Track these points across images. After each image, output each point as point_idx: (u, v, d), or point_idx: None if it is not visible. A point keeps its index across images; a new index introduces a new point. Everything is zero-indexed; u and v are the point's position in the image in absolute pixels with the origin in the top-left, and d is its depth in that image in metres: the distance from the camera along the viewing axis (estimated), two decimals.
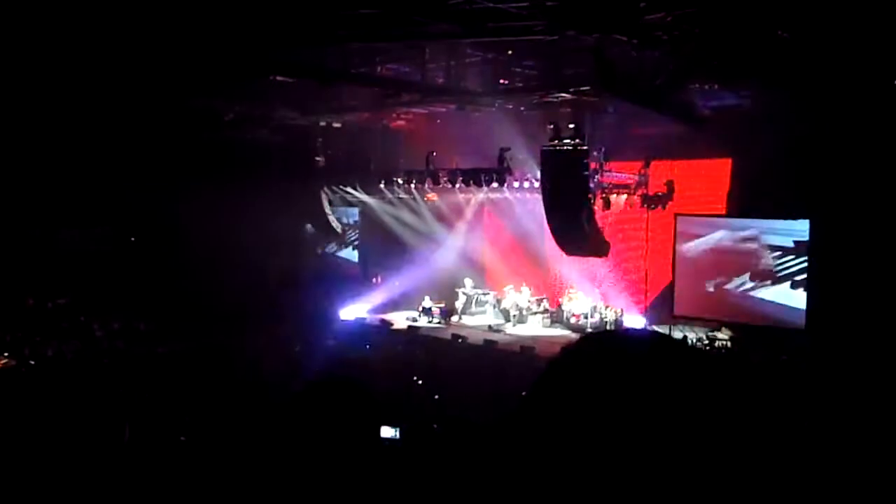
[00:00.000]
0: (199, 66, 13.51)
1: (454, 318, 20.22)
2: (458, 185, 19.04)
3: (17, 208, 17.48)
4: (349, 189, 21.93)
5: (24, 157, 16.74)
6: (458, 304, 20.58)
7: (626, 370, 0.93)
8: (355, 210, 22.90)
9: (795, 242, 15.69)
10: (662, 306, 17.77)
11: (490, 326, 19.30)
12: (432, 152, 18.99)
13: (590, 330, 17.65)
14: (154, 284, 18.29)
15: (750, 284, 16.54)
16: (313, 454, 2.12)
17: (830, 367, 13.01)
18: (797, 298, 15.71)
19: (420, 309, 20.30)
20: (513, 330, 19.14)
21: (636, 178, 17.48)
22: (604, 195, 16.68)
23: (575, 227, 16.13)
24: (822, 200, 14.52)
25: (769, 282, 16.24)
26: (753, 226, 16.43)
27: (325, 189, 22.21)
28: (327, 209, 22.47)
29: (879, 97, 13.03)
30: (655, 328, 16.49)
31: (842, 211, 14.25)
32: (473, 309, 20.72)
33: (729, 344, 16.22)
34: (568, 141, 15.65)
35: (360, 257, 23.19)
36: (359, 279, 22.34)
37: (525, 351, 16.32)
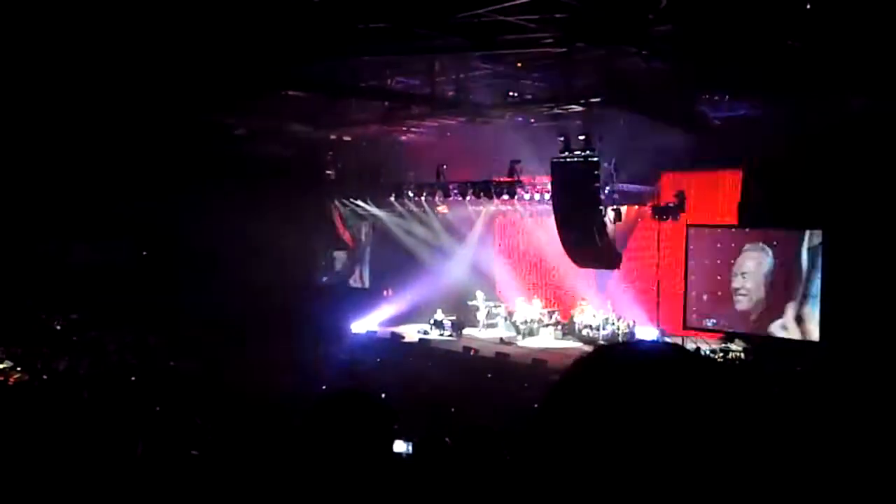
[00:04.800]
0: (210, 81, 13.61)
1: (467, 331, 20.20)
2: (468, 198, 19.08)
3: (28, 223, 17.60)
4: (360, 202, 22.00)
5: (35, 171, 16.86)
6: (477, 316, 20.59)
7: (640, 382, 0.93)
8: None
9: None
10: (675, 317, 17.69)
11: (502, 339, 19.26)
12: (443, 165, 19.04)
13: (602, 342, 17.60)
14: (166, 298, 18.35)
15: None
16: (327, 469, 2.11)
17: (845, 379, 12.90)
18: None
19: (431, 322, 20.29)
20: (524, 342, 19.10)
21: (647, 189, 17.46)
22: (615, 207, 16.66)
23: (586, 238, 16.13)
24: (835, 210, 14.44)
25: None
26: None
27: (336, 202, 22.28)
28: (338, 222, 22.53)
29: (892, 105, 12.97)
30: (668, 339, 16.43)
31: (855, 221, 14.17)
32: (485, 321, 20.72)
33: (742, 355, 16.12)
34: (578, 152, 15.67)
35: (370, 270, 23.17)
36: (369, 292, 22.35)
37: (537, 364, 16.26)
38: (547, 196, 17.29)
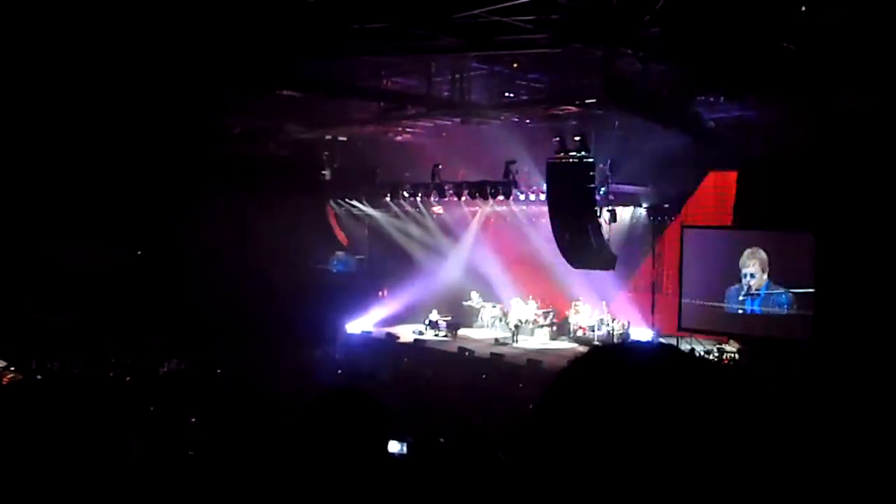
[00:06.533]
0: (206, 81, 13.58)
1: (462, 331, 20.20)
2: (464, 198, 19.07)
3: (24, 224, 17.54)
4: (355, 202, 21.97)
5: (31, 172, 16.81)
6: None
7: (636, 382, 0.93)
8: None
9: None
10: (669, 319, 17.71)
11: (496, 339, 19.25)
12: (438, 165, 19.03)
13: (597, 343, 17.60)
14: (161, 299, 18.30)
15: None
16: (322, 469, 2.11)
17: (838, 379, 12.93)
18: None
19: (426, 322, 20.28)
20: (519, 343, 19.10)
21: (642, 190, 17.47)
22: (610, 208, 16.67)
23: (581, 239, 16.14)
24: (828, 212, 14.47)
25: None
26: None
27: (332, 202, 22.24)
28: (333, 222, 22.49)
29: (885, 107, 13.00)
30: (663, 340, 16.44)
31: (848, 222, 14.19)
32: (480, 322, 20.71)
33: (737, 356, 16.14)
34: (574, 153, 15.68)
35: (366, 270, 23.14)
36: (364, 292, 22.31)
37: (532, 364, 16.26)
38: (542, 197, 17.30)
